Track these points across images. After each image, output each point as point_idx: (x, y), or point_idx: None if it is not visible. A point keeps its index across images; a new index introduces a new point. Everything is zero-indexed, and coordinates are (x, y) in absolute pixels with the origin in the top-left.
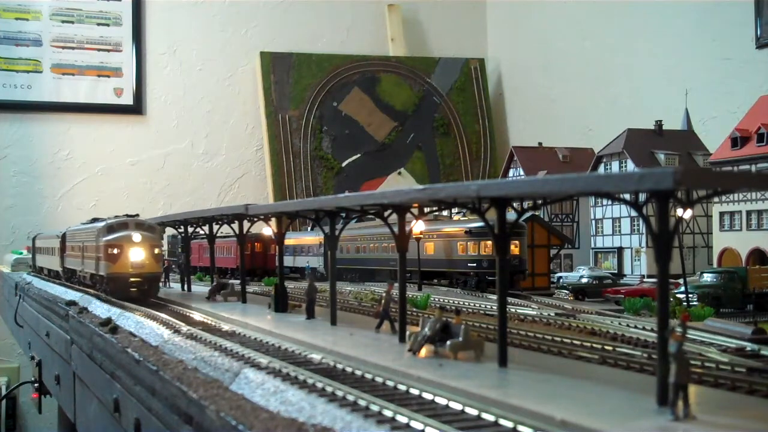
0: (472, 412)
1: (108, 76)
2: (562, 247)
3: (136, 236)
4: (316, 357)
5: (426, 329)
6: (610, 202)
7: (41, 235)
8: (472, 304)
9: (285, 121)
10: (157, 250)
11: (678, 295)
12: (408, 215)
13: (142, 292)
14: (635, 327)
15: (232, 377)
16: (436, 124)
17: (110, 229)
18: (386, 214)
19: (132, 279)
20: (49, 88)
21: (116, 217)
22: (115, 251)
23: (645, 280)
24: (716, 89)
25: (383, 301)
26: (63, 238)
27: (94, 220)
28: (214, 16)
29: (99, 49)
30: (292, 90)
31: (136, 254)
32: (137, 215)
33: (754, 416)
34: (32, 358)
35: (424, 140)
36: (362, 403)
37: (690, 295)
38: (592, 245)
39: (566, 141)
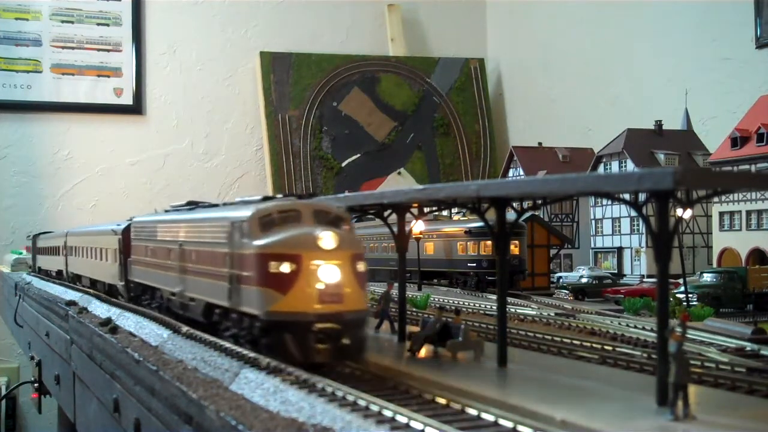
0: (471, 412)
1: (108, 76)
2: (562, 247)
3: (327, 238)
4: None
5: (426, 329)
6: (609, 202)
7: (74, 232)
8: (472, 304)
9: (285, 121)
10: (361, 266)
11: (678, 295)
12: (408, 215)
13: (338, 350)
14: (635, 327)
15: (232, 377)
16: (436, 124)
17: (267, 221)
18: (386, 214)
19: (320, 325)
20: (49, 88)
21: (266, 198)
22: (285, 269)
23: (645, 280)
24: (716, 89)
25: (383, 301)
26: (125, 233)
27: (192, 204)
28: (214, 16)
29: (99, 49)
30: (292, 90)
31: (329, 274)
32: (312, 194)
33: (754, 416)
34: (32, 358)
35: (424, 140)
36: (362, 403)
37: (690, 295)
38: (592, 245)
39: (566, 141)
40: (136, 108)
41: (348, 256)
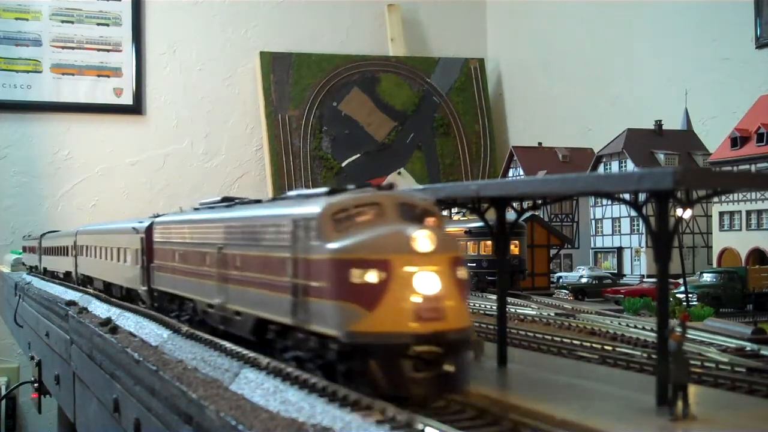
0: (471, 411)
1: (108, 76)
2: (562, 247)
3: (422, 239)
4: None
5: None
6: (609, 202)
7: (85, 230)
8: (472, 304)
9: (285, 121)
10: (461, 272)
11: (678, 295)
12: None
13: (439, 380)
14: (635, 327)
15: (232, 377)
16: (436, 124)
17: (342, 218)
18: None
19: (418, 349)
20: (49, 88)
21: (334, 191)
22: (371, 279)
23: (645, 280)
24: (716, 89)
25: None
26: (148, 233)
27: (228, 200)
28: (214, 16)
29: (99, 49)
30: (291, 90)
31: (426, 284)
32: (392, 185)
33: (754, 416)
34: (32, 358)
35: (424, 140)
36: (362, 403)
37: (690, 295)
38: (592, 245)
39: (566, 141)
40: (136, 108)
41: (447, 261)
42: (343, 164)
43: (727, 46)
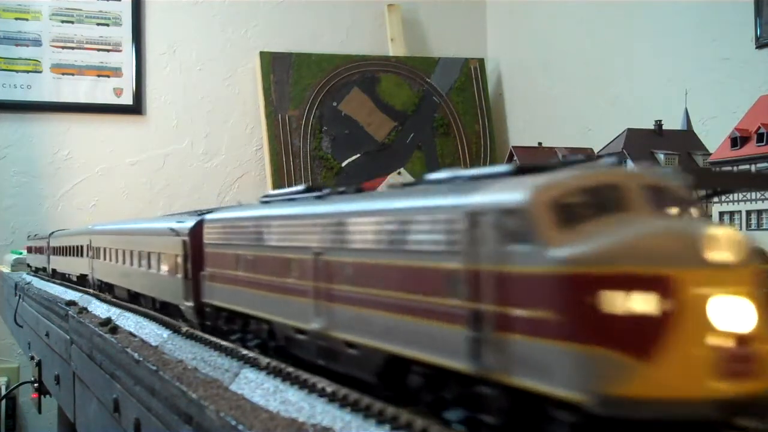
0: None
1: (108, 76)
2: None
3: (720, 243)
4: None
5: None
6: None
7: (102, 230)
8: None
9: (285, 121)
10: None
11: None
12: None
13: None
14: None
15: (232, 377)
16: (436, 124)
17: (569, 210)
18: None
19: (730, 424)
20: (49, 88)
21: (523, 169)
22: (643, 307)
23: None
24: (716, 89)
25: None
26: (194, 234)
27: (313, 190)
28: (214, 16)
29: (99, 49)
30: (291, 90)
31: (735, 318)
32: (621, 159)
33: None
34: (32, 358)
35: (424, 140)
36: (362, 403)
37: None
38: None
39: (566, 141)
40: (136, 108)
41: (756, 278)
42: (343, 164)
43: (727, 46)
